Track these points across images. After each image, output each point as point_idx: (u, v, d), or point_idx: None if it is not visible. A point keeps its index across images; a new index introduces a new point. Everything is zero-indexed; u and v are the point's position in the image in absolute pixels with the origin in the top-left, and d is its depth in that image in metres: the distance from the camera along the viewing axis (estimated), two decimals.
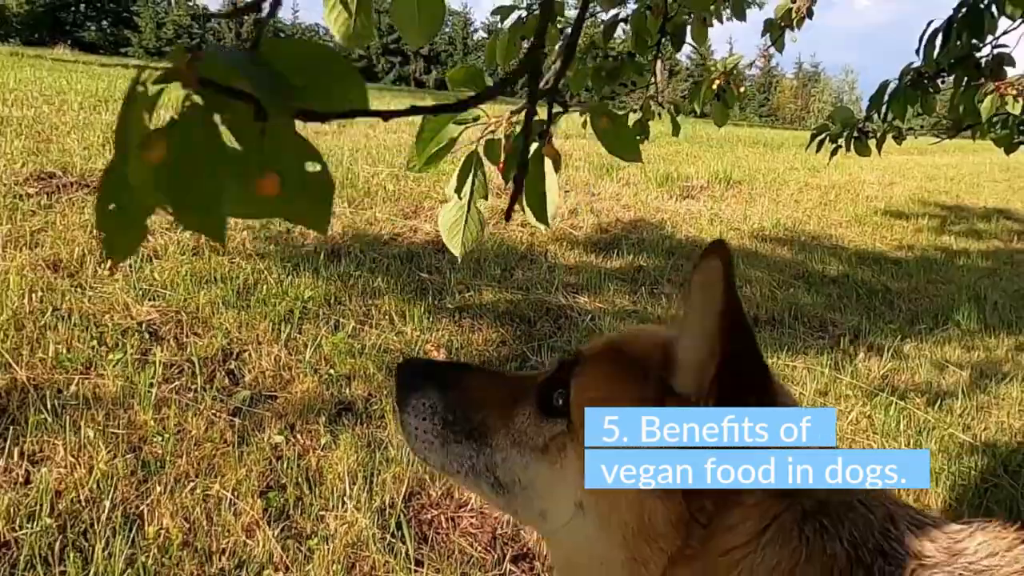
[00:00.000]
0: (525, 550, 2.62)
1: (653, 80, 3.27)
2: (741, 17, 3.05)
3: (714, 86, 3.01)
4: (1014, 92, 2.61)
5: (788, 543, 0.90)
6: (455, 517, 2.74)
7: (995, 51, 2.69)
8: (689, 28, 3.02)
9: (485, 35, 58.22)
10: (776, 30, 3.10)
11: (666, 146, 15.94)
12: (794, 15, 2.95)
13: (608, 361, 1.12)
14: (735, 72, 3.06)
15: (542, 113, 1.25)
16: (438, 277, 5.30)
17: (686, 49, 3.17)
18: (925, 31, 2.53)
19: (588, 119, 1.30)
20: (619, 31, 3.18)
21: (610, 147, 1.27)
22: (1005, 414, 3.97)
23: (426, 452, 1.23)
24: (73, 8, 52.64)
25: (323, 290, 4.64)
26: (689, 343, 0.99)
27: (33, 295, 3.98)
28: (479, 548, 2.60)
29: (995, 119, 2.81)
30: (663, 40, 2.85)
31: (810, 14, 2.90)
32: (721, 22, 3.09)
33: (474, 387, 1.25)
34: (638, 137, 3.13)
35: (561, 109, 1.49)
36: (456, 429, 1.21)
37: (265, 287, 4.57)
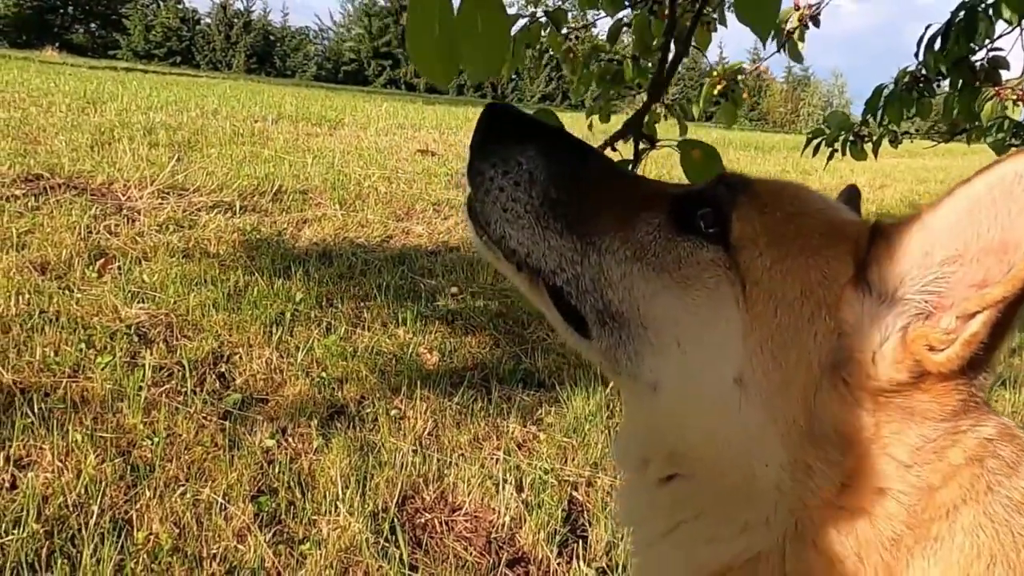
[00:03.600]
0: (520, 554, 2.59)
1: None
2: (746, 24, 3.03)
3: (716, 89, 3.01)
4: (1014, 97, 2.61)
5: None
6: (449, 521, 2.71)
7: (991, 55, 2.69)
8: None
9: None
10: (784, 36, 3.08)
11: (664, 149, 15.92)
12: (797, 23, 2.94)
13: (791, 203, 0.87)
14: (741, 76, 3.06)
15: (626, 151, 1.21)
16: (431, 279, 5.27)
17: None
18: (923, 35, 2.54)
19: (680, 154, 1.24)
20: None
21: (696, 180, 1.20)
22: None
23: (507, 227, 0.94)
24: (61, 11, 52.36)
25: (315, 292, 4.60)
26: (954, 250, 0.73)
27: (20, 297, 3.93)
28: (474, 552, 2.57)
29: (991, 124, 2.81)
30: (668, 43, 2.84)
31: (816, 23, 2.88)
32: (726, 26, 3.08)
33: (589, 169, 0.97)
34: None
35: (648, 145, 1.45)
36: (559, 213, 0.92)
37: (256, 289, 4.53)
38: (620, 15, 2.67)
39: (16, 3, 48.17)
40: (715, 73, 3.13)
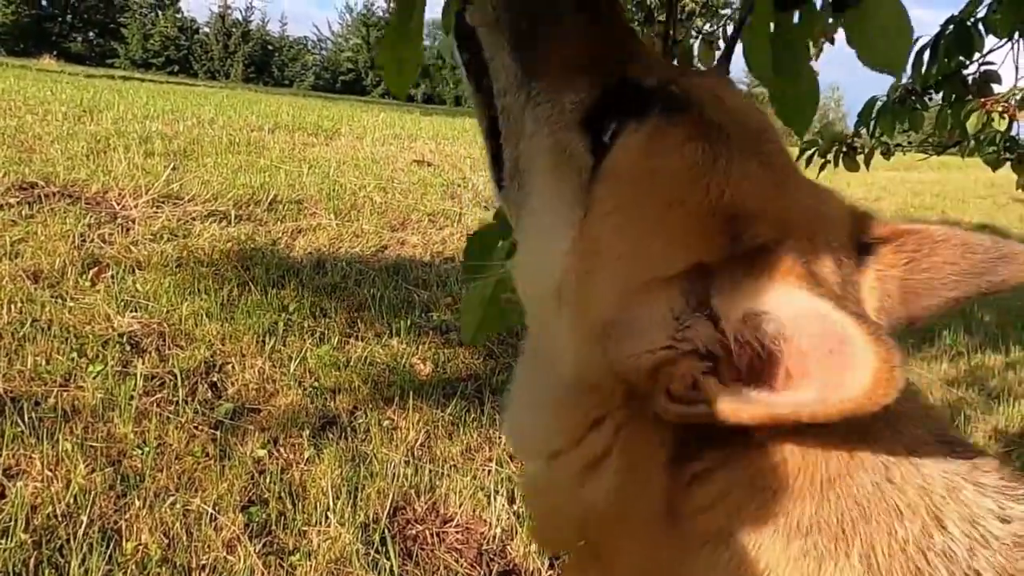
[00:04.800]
0: (512, 565, 2.58)
1: None
2: None
3: None
4: (1000, 109, 2.62)
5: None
6: (440, 532, 2.70)
7: (982, 68, 2.71)
8: (696, 49, 3.01)
9: None
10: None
11: None
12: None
13: (697, 154, 0.75)
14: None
15: None
16: (425, 290, 5.27)
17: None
18: (912, 47, 2.54)
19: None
20: None
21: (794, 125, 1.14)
22: (992, 431, 3.97)
23: (479, 19, 0.88)
24: (59, 19, 52.46)
25: (308, 302, 4.60)
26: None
27: (12, 306, 3.91)
28: (465, 564, 2.56)
29: (982, 136, 2.82)
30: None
31: (831, 40, 2.88)
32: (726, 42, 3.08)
33: (567, 2, 0.87)
34: None
35: None
36: (517, 24, 0.85)
37: (249, 299, 4.52)
38: None
39: (14, 11, 48.25)
40: None
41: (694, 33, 2.89)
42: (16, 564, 2.25)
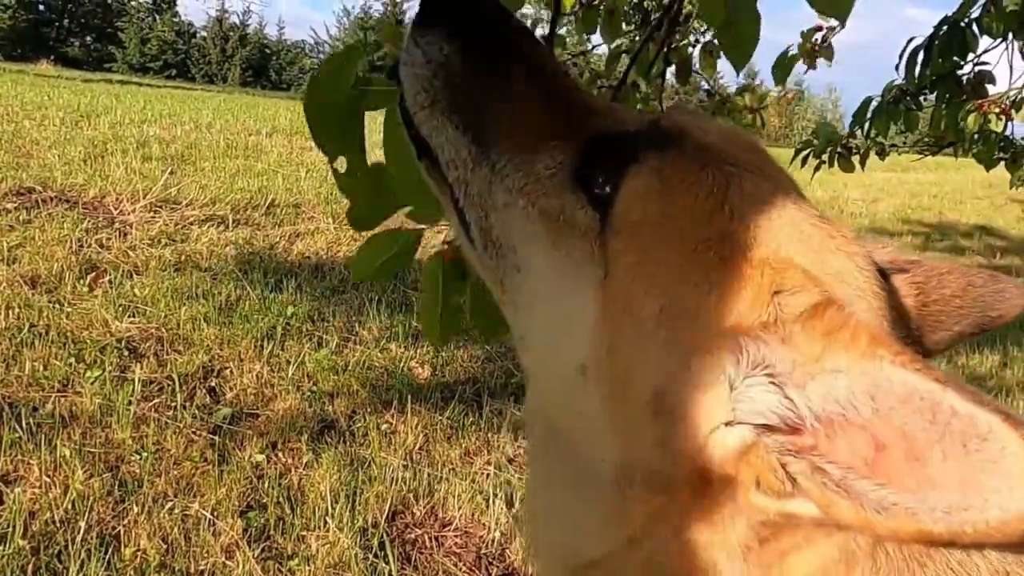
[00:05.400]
0: (511, 570, 2.58)
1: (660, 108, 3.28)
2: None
3: (749, 119, 3.03)
4: (997, 110, 2.63)
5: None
6: (439, 536, 2.70)
7: (976, 69, 2.72)
8: (697, 59, 3.01)
9: None
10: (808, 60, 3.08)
11: None
12: (816, 47, 2.95)
13: (710, 195, 0.69)
14: (765, 103, 3.08)
15: None
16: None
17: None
18: (905, 48, 2.56)
19: None
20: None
21: None
22: None
23: (412, 101, 0.85)
24: (57, 24, 52.48)
25: (306, 306, 4.60)
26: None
27: (10, 311, 3.91)
28: (463, 568, 2.56)
29: (977, 136, 2.83)
30: (666, 70, 2.85)
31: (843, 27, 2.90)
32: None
33: (519, 68, 0.84)
34: None
35: None
36: (459, 105, 0.82)
37: (247, 303, 4.52)
38: (618, 42, 2.68)
39: (11, 16, 48.26)
40: (740, 102, 3.14)
41: (692, 40, 2.90)
42: (14, 570, 2.25)
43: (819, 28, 3.03)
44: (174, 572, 2.35)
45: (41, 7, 51.69)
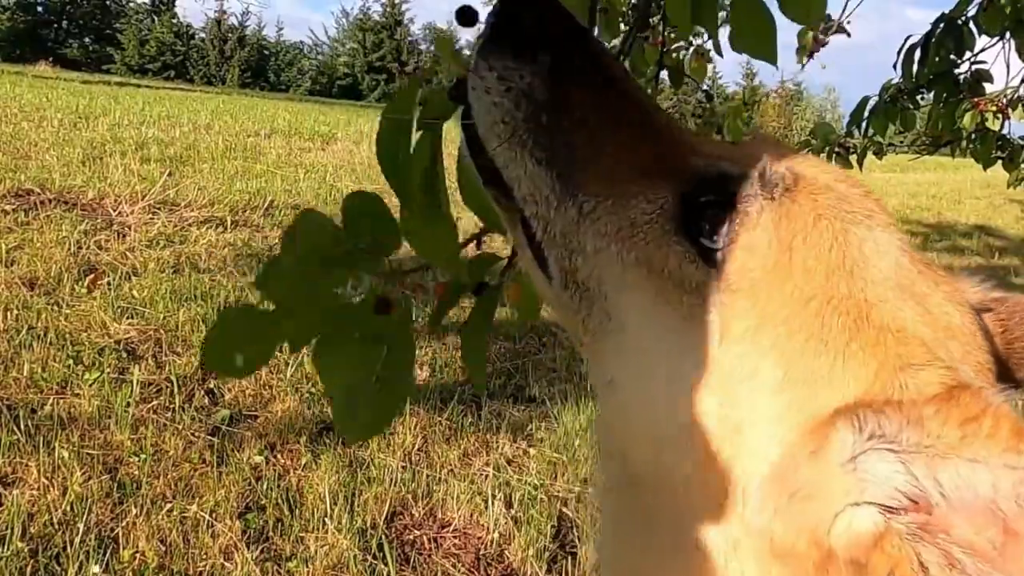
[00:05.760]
0: (509, 570, 2.58)
1: None
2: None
3: (744, 117, 3.03)
4: (994, 108, 2.63)
5: None
6: (438, 537, 2.69)
7: (973, 67, 2.72)
8: (687, 62, 3.00)
9: (470, 53, 58.30)
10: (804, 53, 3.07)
11: None
12: (810, 43, 2.94)
13: (832, 248, 0.66)
14: (756, 102, 3.08)
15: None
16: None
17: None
18: (903, 46, 2.56)
19: None
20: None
21: None
22: None
23: (488, 132, 0.77)
24: (55, 25, 52.46)
25: None
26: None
27: (8, 313, 3.91)
28: (462, 569, 2.56)
29: (974, 135, 2.83)
30: (660, 73, 2.85)
31: (845, 30, 2.86)
32: (721, 55, 3.08)
33: (607, 103, 0.77)
34: None
35: None
36: (542, 140, 0.75)
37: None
38: (614, 42, 2.68)
39: (10, 17, 48.25)
40: (737, 98, 3.14)
41: (685, 44, 2.89)
42: (13, 572, 2.25)
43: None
44: (173, 574, 2.35)
45: (39, 8, 51.67)
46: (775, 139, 0.92)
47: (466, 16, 0.87)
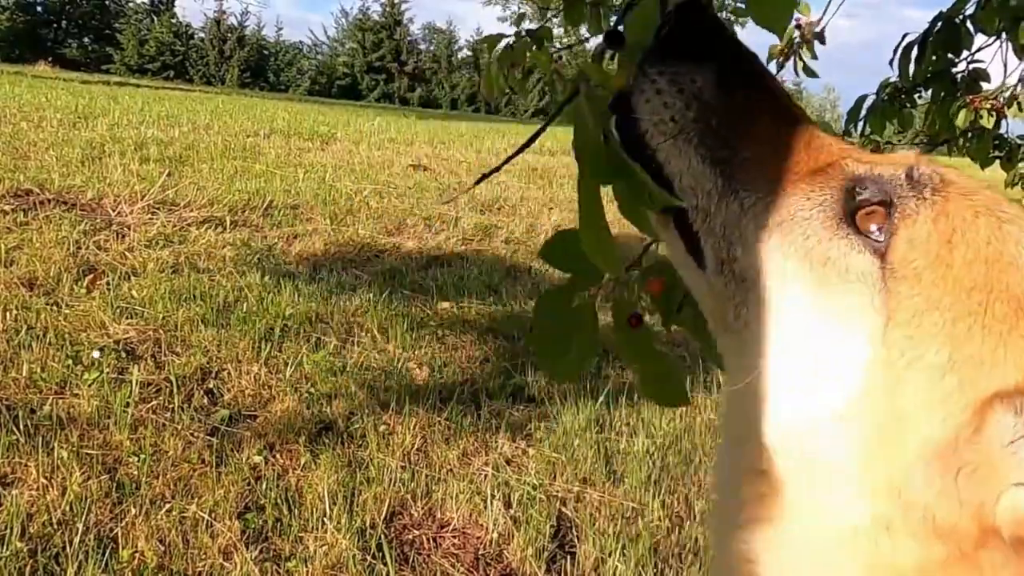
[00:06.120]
0: (508, 570, 2.59)
1: None
2: None
3: None
4: (988, 106, 2.63)
5: None
6: (437, 537, 2.70)
7: (971, 67, 2.72)
8: None
9: (469, 53, 58.43)
10: (781, 54, 3.06)
11: None
12: (801, 39, 2.93)
13: (988, 242, 0.70)
14: None
15: None
16: (421, 295, 5.27)
17: None
18: (899, 45, 2.55)
19: None
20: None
21: None
22: None
23: (654, 129, 0.83)
24: (54, 25, 52.42)
25: (304, 308, 4.60)
26: None
27: (7, 313, 3.91)
28: (461, 569, 2.56)
29: (970, 133, 2.83)
30: None
31: (821, 39, 2.85)
32: None
33: (763, 107, 0.84)
34: None
35: None
36: (708, 139, 0.82)
37: (245, 305, 4.52)
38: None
39: (9, 17, 48.21)
40: None
41: None
42: (12, 572, 2.25)
43: (798, 25, 3.02)
44: (172, 574, 2.35)
45: (39, 8, 51.63)
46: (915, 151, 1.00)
47: (615, 39, 0.96)
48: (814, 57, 2.85)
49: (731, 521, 0.80)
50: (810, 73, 2.89)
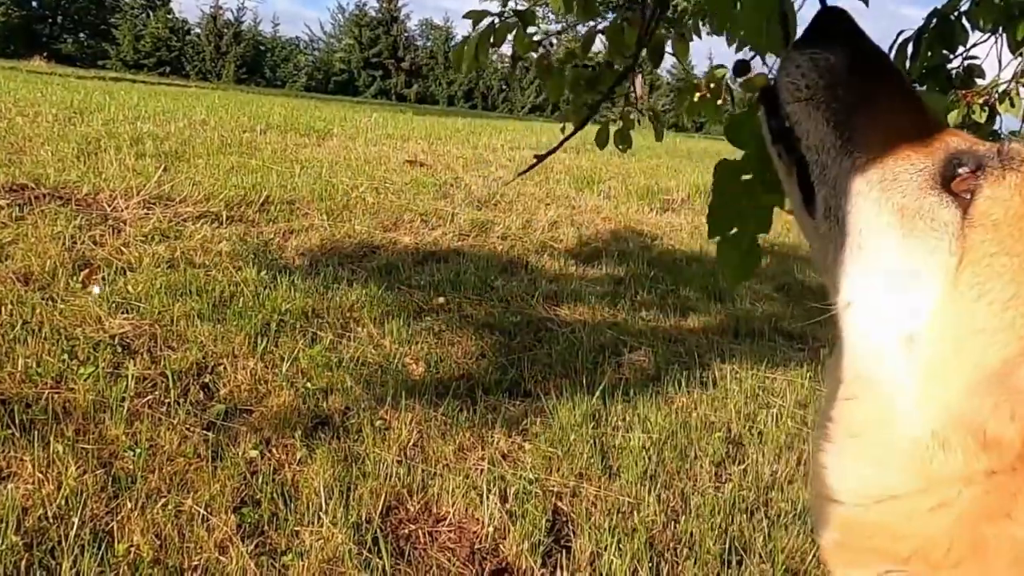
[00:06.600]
0: (504, 564, 2.59)
1: (632, 89, 3.26)
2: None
3: (696, 97, 3.01)
4: (980, 101, 2.64)
5: None
6: (433, 532, 2.70)
7: (966, 63, 2.72)
8: (670, 43, 3.00)
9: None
10: None
11: (647, 160, 16.06)
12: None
13: None
14: (722, 83, 3.05)
15: None
16: (417, 290, 5.27)
17: (667, 63, 3.15)
18: (895, 42, 2.55)
19: None
20: (598, 42, 3.16)
21: None
22: None
23: (789, 95, 1.01)
24: (50, 20, 52.22)
25: (300, 303, 4.60)
26: None
27: (2, 308, 3.90)
28: (457, 563, 2.56)
29: (964, 129, 2.83)
30: (641, 54, 2.84)
31: None
32: (700, 37, 3.09)
33: (884, 84, 1.00)
34: (620, 147, 3.12)
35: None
36: (834, 105, 0.98)
37: (241, 300, 4.52)
38: (594, 23, 2.67)
39: (4, 12, 48.01)
40: (695, 81, 3.12)
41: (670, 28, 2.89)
42: (7, 566, 2.25)
43: None
44: (167, 568, 2.35)
45: (34, 4, 51.43)
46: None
47: (742, 68, 1.17)
48: None
49: (819, 432, 0.92)
50: None
